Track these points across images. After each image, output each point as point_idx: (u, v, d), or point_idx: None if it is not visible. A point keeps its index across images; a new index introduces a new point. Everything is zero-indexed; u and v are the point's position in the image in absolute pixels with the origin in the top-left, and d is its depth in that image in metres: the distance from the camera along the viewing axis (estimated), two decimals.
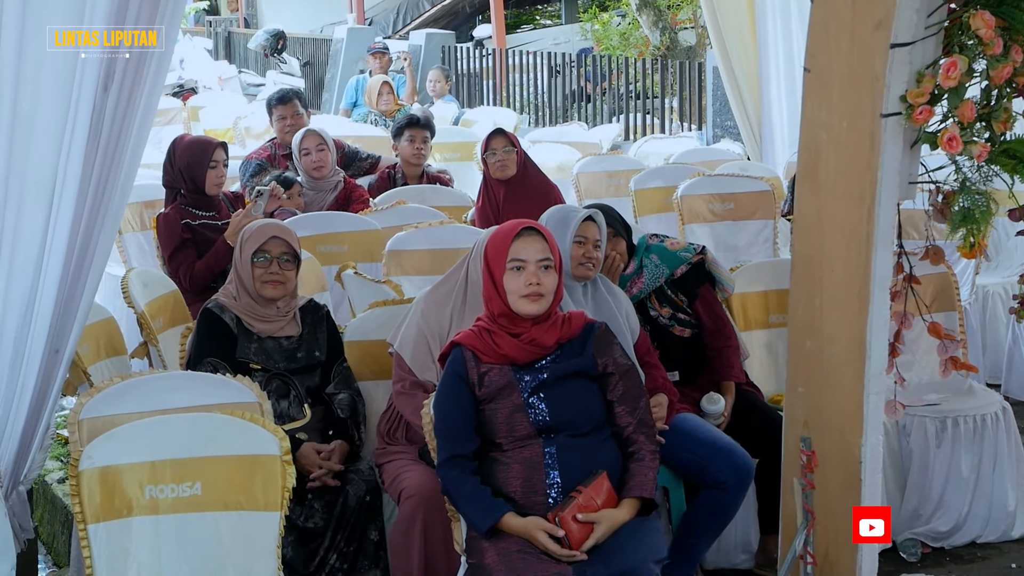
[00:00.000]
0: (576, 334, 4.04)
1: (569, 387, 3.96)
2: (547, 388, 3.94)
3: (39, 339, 3.95)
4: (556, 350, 4.01)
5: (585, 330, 4.05)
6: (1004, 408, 5.26)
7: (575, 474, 3.85)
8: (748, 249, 7.41)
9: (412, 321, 4.54)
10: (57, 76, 3.72)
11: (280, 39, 19.06)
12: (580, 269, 4.61)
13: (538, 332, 3.98)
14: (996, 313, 6.95)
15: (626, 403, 4.00)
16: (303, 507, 4.37)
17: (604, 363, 4.01)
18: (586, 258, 4.62)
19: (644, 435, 3.98)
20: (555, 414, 3.91)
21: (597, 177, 8.54)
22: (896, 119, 3.60)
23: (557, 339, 4.00)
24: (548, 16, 25.55)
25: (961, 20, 3.53)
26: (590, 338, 4.04)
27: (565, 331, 4.03)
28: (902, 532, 5.08)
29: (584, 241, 4.62)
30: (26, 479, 4.22)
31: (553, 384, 3.95)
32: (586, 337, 4.04)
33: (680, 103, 13.91)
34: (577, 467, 3.86)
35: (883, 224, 3.70)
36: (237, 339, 4.68)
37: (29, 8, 3.63)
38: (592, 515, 3.76)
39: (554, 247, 4.02)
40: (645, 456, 3.95)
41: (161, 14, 3.87)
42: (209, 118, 11.98)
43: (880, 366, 3.80)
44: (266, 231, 4.84)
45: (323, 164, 7.30)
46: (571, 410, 3.93)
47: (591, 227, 4.65)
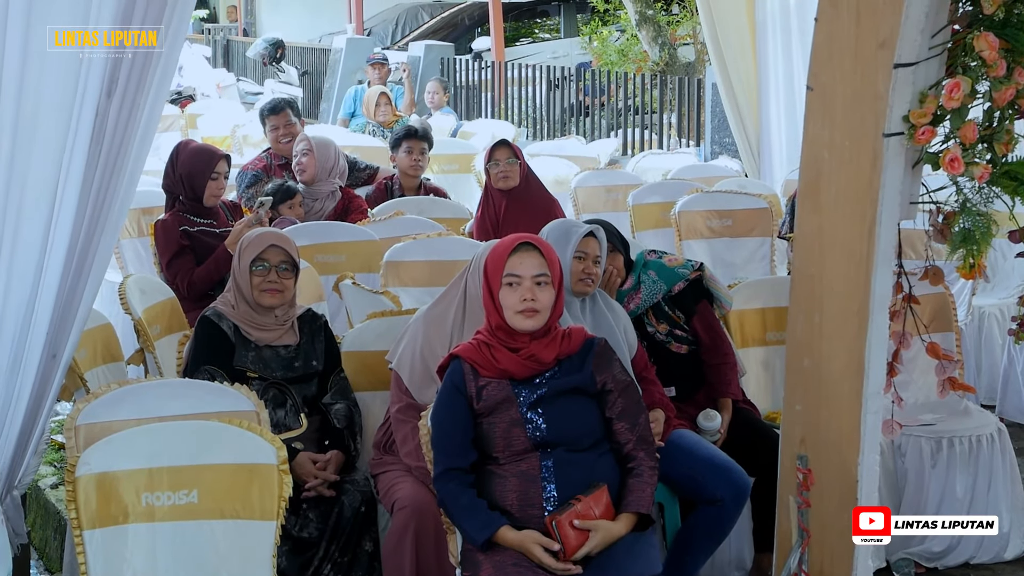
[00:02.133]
0: (575, 350, 4.03)
1: (567, 403, 3.95)
2: (545, 403, 3.93)
3: (37, 344, 3.93)
4: (555, 365, 4.00)
5: (585, 346, 4.04)
6: (999, 429, 5.26)
7: (572, 488, 3.84)
8: (745, 266, 7.41)
9: (411, 339, 4.54)
10: (60, 80, 3.71)
11: (279, 48, 19.08)
12: (579, 285, 4.61)
13: (537, 348, 3.97)
14: (992, 334, 6.96)
15: (626, 420, 4.00)
16: (298, 517, 4.36)
17: (603, 380, 4.00)
18: (586, 274, 4.62)
19: (644, 451, 3.98)
20: (553, 429, 3.90)
21: (595, 191, 8.54)
22: (898, 139, 3.61)
23: (556, 355, 4.00)
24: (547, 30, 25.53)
25: (965, 41, 3.54)
26: (590, 354, 4.03)
27: (565, 347, 4.02)
28: (896, 552, 5.08)
29: (584, 256, 4.62)
30: (20, 484, 4.21)
31: (551, 399, 3.94)
32: (586, 353, 4.03)
33: (678, 119, 13.92)
34: (574, 481, 3.85)
35: (883, 243, 3.69)
36: (235, 347, 4.68)
37: (34, 8, 3.63)
38: (589, 523, 3.76)
39: (553, 262, 4.00)
40: (644, 472, 3.95)
41: (168, 16, 3.86)
42: (207, 126, 11.99)
43: (878, 385, 3.80)
44: (265, 239, 4.84)
45: (304, 168, 7.31)
46: (569, 426, 3.93)
47: (591, 243, 4.65)
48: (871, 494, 3.86)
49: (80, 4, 3.70)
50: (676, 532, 4.59)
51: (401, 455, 4.47)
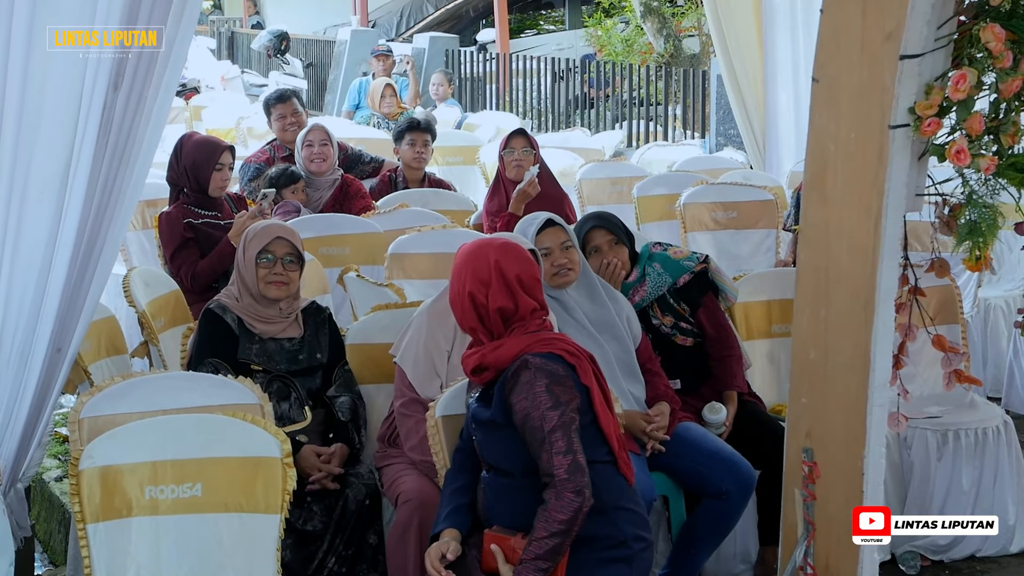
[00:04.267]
0: (504, 362, 3.70)
1: (489, 431, 3.75)
2: (476, 426, 3.82)
3: (43, 337, 3.94)
4: (487, 383, 3.76)
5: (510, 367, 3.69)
6: (1005, 422, 5.25)
7: (502, 509, 3.71)
8: (750, 258, 7.41)
9: (415, 333, 4.52)
10: (67, 74, 3.71)
11: (283, 40, 19.07)
12: (555, 279, 4.59)
13: (465, 354, 3.83)
14: (998, 326, 6.95)
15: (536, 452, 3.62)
16: (302, 510, 4.36)
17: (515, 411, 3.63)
18: (557, 266, 4.59)
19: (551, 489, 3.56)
20: (483, 452, 3.82)
21: (600, 184, 8.52)
22: (904, 131, 3.59)
23: (477, 364, 3.74)
24: (552, 21, 25.55)
25: (971, 33, 3.52)
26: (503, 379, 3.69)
27: (491, 358, 3.72)
28: (902, 545, 5.07)
29: (548, 252, 4.58)
30: (24, 477, 4.22)
31: (479, 424, 3.79)
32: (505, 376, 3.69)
33: (683, 111, 13.90)
34: (502, 504, 3.72)
35: (889, 235, 3.68)
36: (239, 340, 4.67)
37: (39, 7, 3.62)
38: (500, 557, 3.58)
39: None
40: (538, 517, 3.54)
41: (177, 12, 3.85)
42: (211, 118, 11.98)
43: (884, 378, 3.78)
44: (271, 231, 4.83)
45: (325, 157, 7.32)
46: (491, 453, 3.78)
47: (550, 234, 4.62)
48: (877, 487, 3.84)
49: (86, 2, 3.70)
50: (681, 525, 4.58)
51: (405, 449, 4.46)
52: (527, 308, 3.72)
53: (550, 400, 3.56)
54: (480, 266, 3.72)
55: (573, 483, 3.48)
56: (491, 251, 3.76)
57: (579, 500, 3.47)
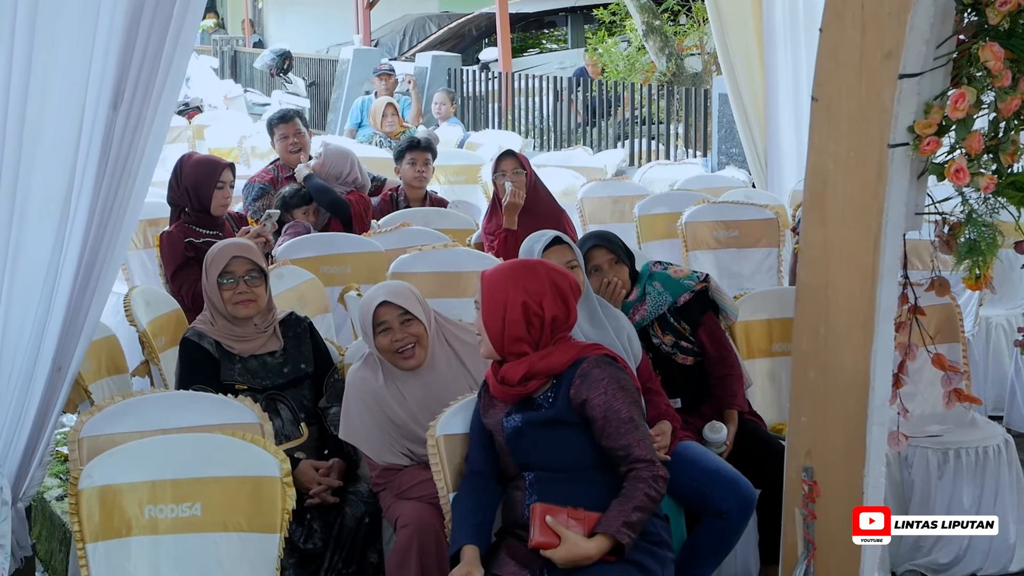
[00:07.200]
0: (559, 369, 3.91)
1: (544, 434, 3.88)
2: (521, 436, 3.91)
3: (45, 356, 3.94)
4: (535, 391, 3.91)
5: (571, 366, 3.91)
6: (1006, 440, 5.24)
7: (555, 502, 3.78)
8: (752, 277, 7.40)
9: (355, 405, 4.51)
10: (68, 93, 3.72)
11: (286, 59, 19.11)
12: None
13: (507, 369, 3.93)
14: (999, 345, 6.93)
15: (613, 442, 3.83)
16: (303, 527, 4.35)
17: (584, 406, 3.85)
18: None
19: (640, 470, 3.82)
20: (534, 457, 3.89)
21: (602, 202, 8.54)
22: (903, 150, 3.59)
23: (524, 373, 3.89)
24: (554, 40, 25.55)
25: (970, 52, 3.52)
26: (571, 377, 3.89)
27: (541, 366, 3.90)
28: (903, 563, 5.06)
29: None
30: (25, 496, 4.21)
31: (528, 431, 3.90)
32: (570, 375, 3.89)
33: (685, 129, 13.91)
34: (556, 498, 3.79)
35: (889, 254, 3.68)
36: (219, 363, 4.67)
37: (39, 25, 3.63)
38: (559, 528, 3.68)
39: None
40: (630, 492, 3.77)
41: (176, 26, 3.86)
42: (214, 137, 12.00)
43: (884, 397, 3.78)
44: (226, 252, 4.83)
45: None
46: (545, 456, 3.87)
47: (555, 253, 4.64)
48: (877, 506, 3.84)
49: (88, 14, 3.70)
50: (682, 544, 4.57)
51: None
52: (576, 318, 3.99)
53: (627, 393, 3.85)
54: (533, 278, 3.91)
55: (659, 467, 3.81)
56: (540, 265, 4.00)
57: (666, 482, 3.83)
